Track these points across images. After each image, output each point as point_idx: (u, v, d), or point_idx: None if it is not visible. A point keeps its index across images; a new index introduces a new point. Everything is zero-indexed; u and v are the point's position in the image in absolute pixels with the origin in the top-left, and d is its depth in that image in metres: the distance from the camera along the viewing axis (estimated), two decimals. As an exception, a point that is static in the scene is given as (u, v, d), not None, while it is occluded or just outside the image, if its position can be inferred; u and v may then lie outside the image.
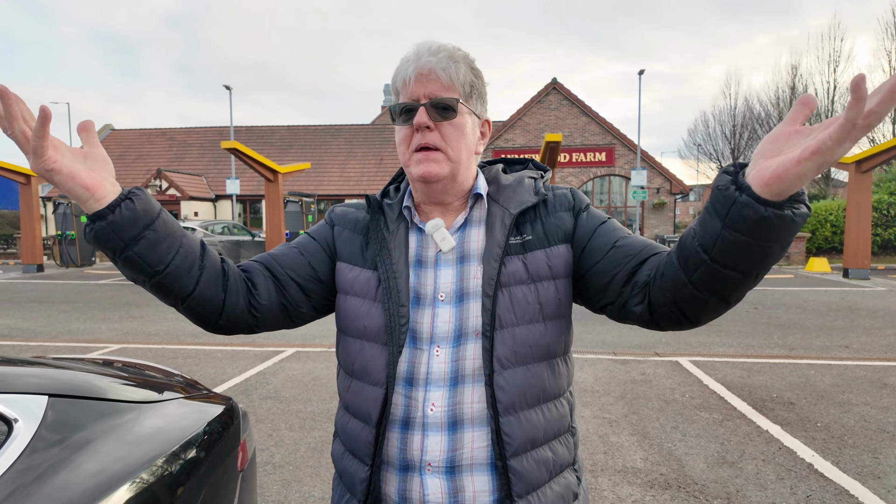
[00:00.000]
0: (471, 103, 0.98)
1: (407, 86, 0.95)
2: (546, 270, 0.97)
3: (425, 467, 0.92)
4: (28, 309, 9.36)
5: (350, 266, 1.03)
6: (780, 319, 8.19)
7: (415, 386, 0.95)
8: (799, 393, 4.68)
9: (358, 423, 0.99)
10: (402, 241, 1.00)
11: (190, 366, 5.60)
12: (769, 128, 33.58)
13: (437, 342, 0.95)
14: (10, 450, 1.07)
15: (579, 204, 1.03)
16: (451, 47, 0.96)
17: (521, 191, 1.02)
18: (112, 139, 31.43)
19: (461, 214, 1.02)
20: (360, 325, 0.99)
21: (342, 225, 1.08)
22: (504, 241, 0.96)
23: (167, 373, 2.05)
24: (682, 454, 3.46)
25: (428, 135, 0.95)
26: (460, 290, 0.96)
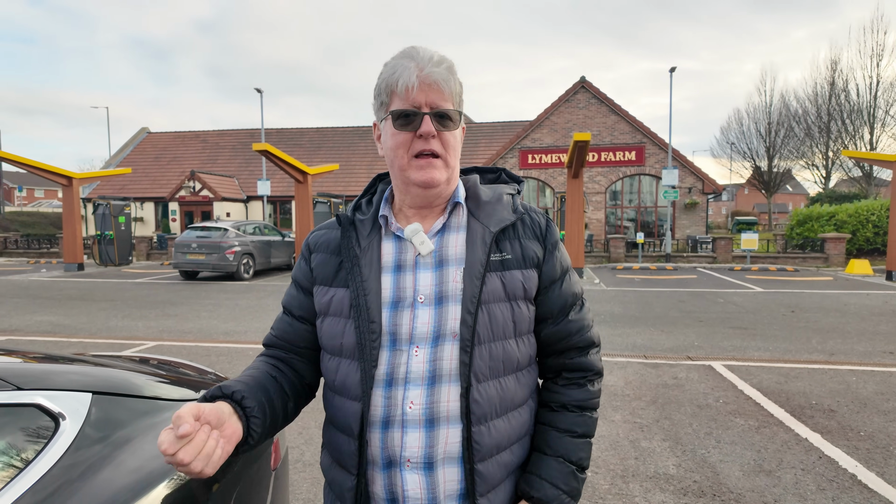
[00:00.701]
0: (461, 114, 1.04)
1: (409, 92, 0.97)
2: (521, 291, 1.04)
3: (405, 463, 0.98)
4: (69, 306, 9.71)
5: (325, 288, 1.06)
6: (819, 323, 7.92)
7: (394, 386, 0.99)
8: (840, 400, 4.52)
9: (342, 436, 1.04)
10: (374, 256, 1.04)
11: (223, 363, 5.72)
12: (806, 125, 32.56)
13: (417, 342, 0.99)
14: (57, 445, 1.11)
15: (551, 238, 1.10)
16: (446, 59, 1.00)
17: (500, 208, 1.07)
18: (148, 142, 32.37)
19: (440, 219, 1.06)
20: (336, 343, 1.04)
21: (318, 251, 1.11)
22: (486, 258, 1.01)
23: (201, 371, 2.09)
24: (716, 461, 3.38)
25: (432, 142, 0.99)
26: (440, 293, 1.01)
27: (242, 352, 6.26)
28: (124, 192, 27.38)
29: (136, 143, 32.49)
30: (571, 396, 1.08)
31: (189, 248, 13.85)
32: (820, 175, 33.34)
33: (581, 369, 1.10)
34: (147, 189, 28.40)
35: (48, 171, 16.23)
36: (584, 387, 1.10)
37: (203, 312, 9.04)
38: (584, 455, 1.07)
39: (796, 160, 34.73)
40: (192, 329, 7.70)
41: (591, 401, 1.10)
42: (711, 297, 10.72)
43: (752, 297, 10.61)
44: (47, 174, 16.29)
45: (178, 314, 8.91)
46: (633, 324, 7.96)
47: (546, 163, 24.67)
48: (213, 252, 13.73)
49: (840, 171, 32.69)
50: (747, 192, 65.04)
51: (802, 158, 34.06)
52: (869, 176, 29.63)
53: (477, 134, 29.54)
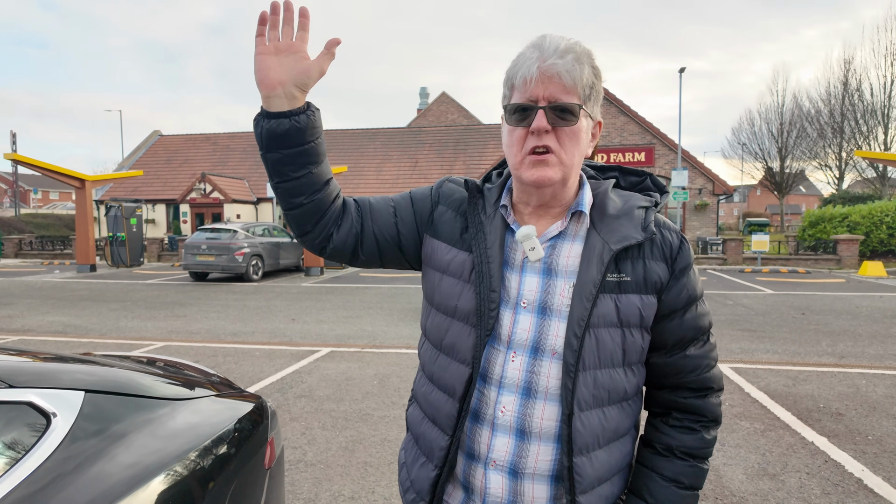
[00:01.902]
0: (588, 106, 0.95)
1: (527, 84, 0.90)
2: (637, 318, 0.95)
3: (490, 463, 0.96)
4: (81, 307, 9.84)
5: (448, 247, 1.03)
6: (830, 326, 7.82)
7: (487, 384, 0.97)
8: (848, 403, 4.46)
9: (442, 395, 1.02)
10: (498, 225, 0.99)
11: (229, 363, 5.77)
12: (819, 125, 32.16)
13: (514, 348, 0.96)
14: (49, 442, 1.13)
15: (681, 262, 0.98)
16: (577, 47, 0.91)
17: (628, 224, 0.97)
18: (160, 144, 32.73)
19: (556, 224, 0.99)
20: (451, 304, 1.00)
21: (446, 204, 1.07)
22: (600, 279, 0.93)
23: (204, 372, 2.12)
24: (719, 464, 3.35)
25: (545, 137, 0.91)
26: (543, 302, 0.96)
27: (249, 352, 6.31)
28: (136, 194, 27.70)
29: (148, 145, 32.86)
30: (681, 441, 0.99)
31: (199, 249, 13.98)
32: (833, 176, 32.93)
33: (694, 412, 1.00)
34: (158, 191, 28.70)
35: (62, 173, 16.47)
36: (696, 433, 1.00)
37: (211, 313, 9.12)
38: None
39: (809, 161, 34.33)
40: (200, 330, 7.77)
41: (704, 450, 1.00)
42: (721, 298, 10.63)
43: (761, 299, 10.51)
44: (61, 177, 16.53)
45: (186, 315, 8.99)
46: (641, 326, 7.91)
47: (555, 164, 24.61)
48: (222, 253, 13.85)
49: (854, 171, 32.26)
50: (759, 193, 64.43)
51: (815, 159, 33.66)
52: (883, 176, 29.21)
53: (486, 135, 29.53)
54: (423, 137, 29.95)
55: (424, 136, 30.06)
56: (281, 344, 6.73)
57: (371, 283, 13.30)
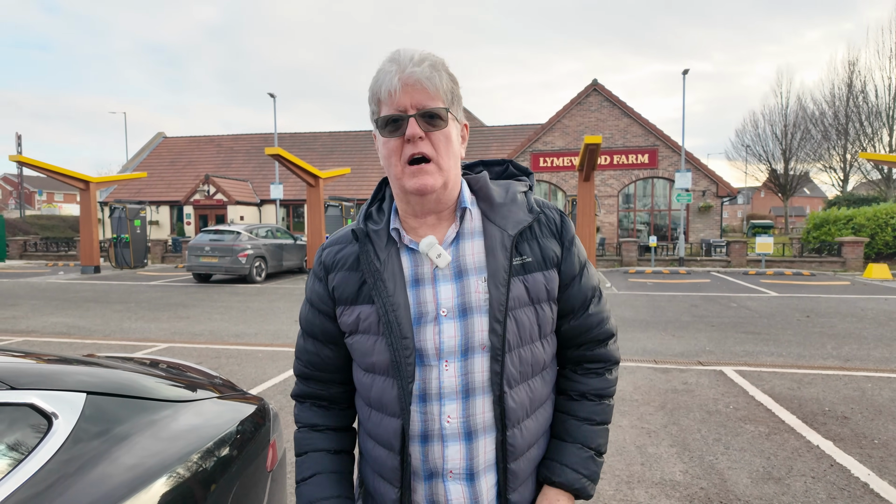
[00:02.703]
0: (454, 110, 0.99)
1: (392, 97, 0.94)
2: (544, 293, 1.03)
3: (447, 474, 1.00)
4: (85, 308, 9.87)
5: (351, 307, 1.03)
6: (835, 329, 7.78)
7: (428, 401, 1.00)
8: (854, 407, 4.43)
9: (382, 451, 1.04)
10: (395, 268, 1.00)
11: (231, 365, 5.77)
12: (824, 127, 32.06)
13: (445, 357, 0.98)
14: (50, 443, 1.12)
15: (567, 234, 1.07)
16: (431, 56, 0.96)
17: (516, 209, 1.04)
18: (164, 146, 32.84)
19: (451, 227, 1.02)
20: (369, 361, 1.02)
21: (335, 269, 1.06)
22: (508, 264, 0.99)
23: (206, 374, 2.11)
24: (724, 468, 3.33)
25: (420, 144, 0.94)
26: (463, 305, 0.99)
27: (252, 354, 6.31)
28: (140, 195, 27.79)
29: (152, 147, 32.98)
30: (591, 386, 1.09)
31: (202, 251, 14.01)
32: (837, 178, 32.80)
33: (601, 360, 1.11)
34: (162, 193, 28.79)
35: (66, 175, 16.53)
36: (602, 376, 1.10)
37: (215, 315, 9.14)
38: (602, 441, 1.09)
39: (813, 163, 34.21)
40: (203, 331, 7.77)
41: (609, 389, 1.11)
42: (724, 301, 10.59)
43: (766, 302, 10.46)
44: (66, 178, 16.59)
45: (190, 316, 9.01)
46: (644, 328, 7.88)
47: (557, 166, 24.59)
48: (225, 255, 13.88)
49: (858, 173, 32.14)
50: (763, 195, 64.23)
51: (820, 161, 33.54)
52: (888, 178, 29.09)
53: (489, 137, 29.53)
54: (426, 139, 29.94)
55: (427, 138, 30.05)
56: (284, 346, 6.72)
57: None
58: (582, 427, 1.08)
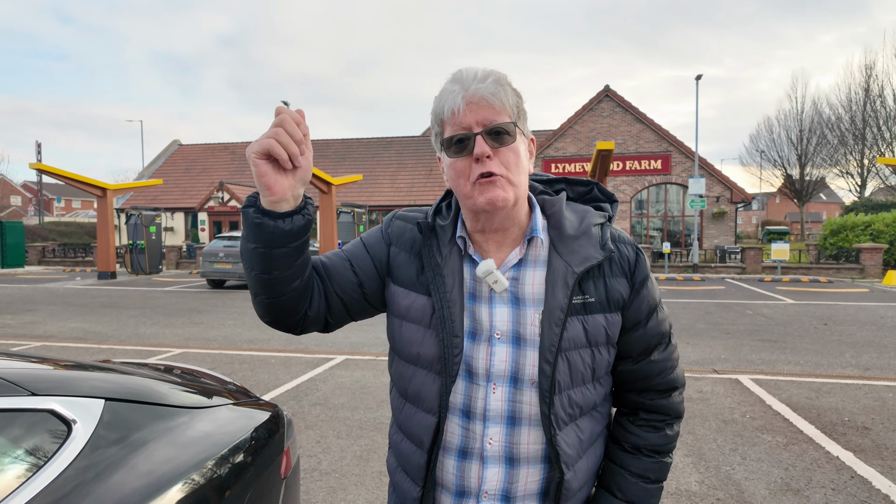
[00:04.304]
0: (520, 124, 0.96)
1: (456, 115, 0.91)
2: (603, 337, 0.98)
3: (482, 495, 0.97)
4: (101, 313, 10.00)
5: (406, 291, 1.01)
6: (854, 337, 7.64)
7: (472, 419, 0.97)
8: (875, 417, 4.34)
9: (410, 445, 1.02)
10: (455, 267, 0.98)
11: (245, 371, 5.81)
12: (840, 132, 31.66)
13: (494, 380, 0.96)
14: (69, 449, 1.14)
15: (640, 275, 1.01)
16: (494, 72, 0.94)
17: (587, 244, 0.98)
18: (179, 154, 33.29)
19: (515, 251, 0.98)
20: (413, 351, 1.00)
21: (398, 245, 1.04)
22: (567, 303, 0.94)
23: (220, 380, 2.13)
24: (741, 478, 3.27)
25: (489, 163, 0.91)
26: (516, 332, 0.96)
27: (265, 360, 6.34)
28: (156, 202, 28.17)
29: (167, 154, 33.44)
30: (647, 440, 1.04)
31: (216, 257, 14.14)
32: (855, 183, 32.33)
33: (660, 412, 1.05)
34: (177, 199, 29.15)
35: (84, 182, 16.82)
36: (661, 430, 1.04)
37: (228, 320, 9.21)
38: (654, 501, 1.04)
39: (830, 168, 33.78)
40: (217, 337, 7.84)
41: (668, 445, 1.05)
42: (740, 308, 10.45)
43: (782, 309, 10.31)
44: (83, 185, 16.88)
45: (204, 322, 9.09)
46: (658, 335, 7.80)
47: (570, 172, 24.52)
48: (239, 261, 13.99)
49: (876, 179, 31.65)
50: (778, 200, 63.46)
51: (836, 166, 33.11)
52: (907, 184, 28.62)
53: (500, 144, 29.56)
54: (437, 146, 30.06)
55: (439, 145, 30.17)
56: (296, 351, 6.75)
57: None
58: (636, 485, 1.03)
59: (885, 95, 29.20)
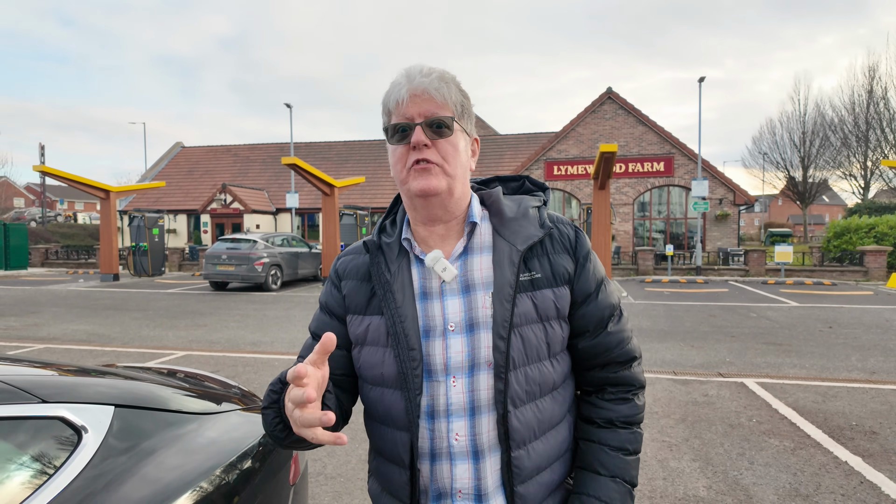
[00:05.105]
0: (463, 122, 0.99)
1: (400, 106, 0.96)
2: (553, 311, 1.01)
3: (456, 494, 0.98)
4: (104, 316, 10.00)
5: (360, 317, 1.03)
6: (859, 340, 7.61)
7: (436, 418, 0.98)
8: (883, 422, 4.31)
9: (391, 466, 1.03)
10: (405, 280, 1.00)
11: (249, 373, 5.80)
12: (843, 134, 31.57)
13: (453, 372, 0.97)
14: (80, 458, 1.12)
15: (581, 250, 1.05)
16: (439, 69, 0.98)
17: (527, 224, 1.03)
18: (182, 156, 33.34)
19: (460, 242, 1.02)
20: (377, 373, 1.01)
21: (347, 277, 1.07)
22: (514, 279, 0.98)
23: (225, 384, 2.12)
24: (749, 483, 3.25)
25: (426, 151, 0.95)
26: (469, 320, 0.98)
27: (269, 362, 6.33)
28: (158, 204, 28.21)
29: (170, 157, 33.51)
30: (619, 412, 1.05)
31: (219, 259, 14.15)
32: (858, 185, 32.22)
33: (625, 384, 1.07)
34: (180, 202, 29.20)
35: (88, 184, 16.85)
36: (630, 401, 1.07)
37: (231, 323, 9.20)
38: (635, 473, 1.05)
39: (833, 170, 33.66)
40: (220, 339, 7.83)
41: (638, 415, 1.07)
42: (744, 311, 10.42)
43: (786, 312, 10.27)
44: (87, 188, 16.91)
45: (207, 324, 9.08)
46: (662, 338, 7.77)
47: (572, 174, 24.50)
48: (242, 263, 14.00)
49: (880, 181, 31.55)
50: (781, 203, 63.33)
51: (839, 168, 33.00)
52: (911, 186, 28.51)
53: (502, 145, 29.55)
54: (439, 148, 30.06)
55: (441, 147, 30.17)
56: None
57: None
58: (616, 458, 1.03)
59: (888, 97, 29.12)
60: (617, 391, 1.07)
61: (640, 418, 1.08)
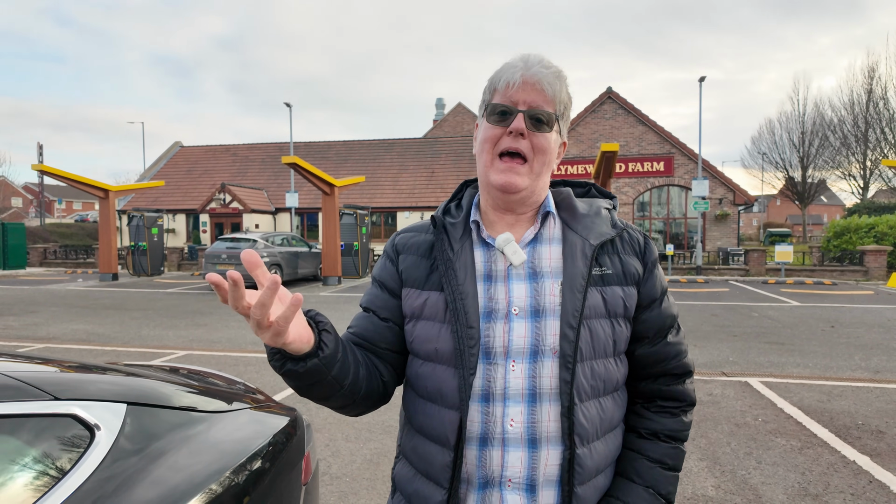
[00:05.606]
0: (561, 123, 0.99)
1: (509, 88, 0.94)
2: (621, 308, 1.00)
3: (505, 483, 0.94)
4: (104, 315, 9.95)
5: (417, 291, 1.02)
6: (862, 339, 7.59)
7: (491, 402, 0.95)
8: (889, 421, 4.29)
9: (433, 446, 0.98)
10: (468, 259, 0.99)
11: (250, 373, 5.76)
12: (842, 134, 31.61)
13: (513, 357, 0.95)
14: (92, 457, 1.10)
15: (650, 256, 1.05)
16: (557, 66, 0.97)
17: (599, 222, 1.03)
18: (181, 155, 33.27)
19: (531, 229, 1.01)
20: (430, 348, 0.99)
21: (406, 252, 1.07)
22: (587, 272, 0.97)
23: (230, 381, 2.09)
24: (758, 483, 3.23)
25: (520, 141, 0.94)
26: (535, 306, 0.96)
27: (270, 362, 6.30)
28: (157, 204, 28.13)
29: (169, 156, 33.42)
30: (665, 425, 1.04)
31: (219, 258, 14.10)
32: (857, 185, 32.26)
33: (676, 398, 1.05)
34: (179, 201, 29.12)
35: (87, 184, 16.79)
36: (677, 416, 1.05)
37: (232, 322, 9.16)
38: (672, 490, 1.02)
39: (832, 170, 33.71)
40: (220, 339, 7.79)
41: (683, 432, 1.05)
42: (745, 310, 10.40)
43: (788, 311, 10.26)
44: (86, 187, 16.85)
45: (207, 324, 9.04)
46: (664, 338, 7.75)
47: (572, 174, 24.49)
48: (241, 263, 13.94)
49: (879, 180, 31.60)
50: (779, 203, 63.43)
51: (838, 168, 33.04)
52: (910, 186, 28.55)
53: (502, 145, 29.52)
54: (439, 148, 30.03)
55: (440, 147, 30.14)
56: (301, 354, 6.71)
57: (389, 292, 13.26)
58: (654, 470, 1.01)
59: (888, 97, 29.16)
60: (666, 405, 1.05)
61: (685, 436, 1.05)
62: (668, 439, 1.03)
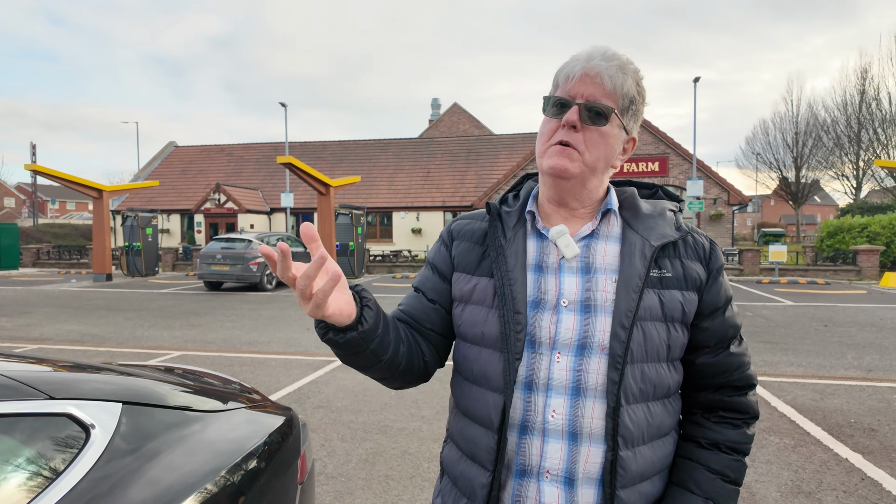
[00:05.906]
0: (624, 117, 0.97)
1: (568, 81, 0.94)
2: (679, 313, 0.96)
3: (543, 474, 0.93)
4: (98, 316, 9.91)
5: (468, 276, 1.03)
6: (855, 338, 7.65)
7: (534, 391, 0.95)
8: (881, 419, 4.33)
9: (479, 429, 0.99)
10: (519, 248, 1.00)
11: (245, 373, 5.75)
12: (836, 135, 31.82)
13: (559, 349, 0.94)
14: (87, 457, 1.10)
15: (715, 262, 1.01)
16: (625, 59, 0.95)
17: (663, 223, 1.00)
18: (175, 155, 33.14)
19: (588, 224, 1.00)
20: (478, 331, 1.00)
21: (460, 238, 1.08)
22: (645, 273, 0.94)
23: (225, 380, 2.09)
24: (751, 481, 3.25)
25: (572, 134, 0.93)
26: (586, 300, 0.95)
27: (265, 362, 6.29)
28: (152, 204, 28.02)
29: (163, 156, 33.29)
30: (727, 436, 1.00)
31: (213, 259, 14.06)
32: (850, 185, 32.50)
33: (739, 410, 1.02)
34: (174, 201, 29.01)
35: (80, 184, 16.71)
36: (740, 428, 1.01)
37: (227, 322, 9.14)
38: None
39: (825, 170, 33.94)
40: (215, 339, 7.77)
41: (746, 445, 1.01)
42: (739, 310, 10.44)
43: (781, 311, 10.32)
44: (80, 187, 16.77)
45: (202, 324, 9.01)
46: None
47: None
48: (236, 263, 13.92)
49: (872, 181, 31.83)
50: (773, 203, 63.83)
51: (832, 169, 33.27)
52: (902, 186, 28.78)
53: (497, 145, 29.55)
54: (434, 148, 30.03)
55: (436, 147, 30.14)
56: (297, 354, 6.70)
57: (386, 292, 13.26)
58: (714, 481, 0.97)
59: (880, 98, 29.39)
60: (728, 416, 1.02)
61: (748, 448, 1.02)
62: (729, 451, 1.00)
